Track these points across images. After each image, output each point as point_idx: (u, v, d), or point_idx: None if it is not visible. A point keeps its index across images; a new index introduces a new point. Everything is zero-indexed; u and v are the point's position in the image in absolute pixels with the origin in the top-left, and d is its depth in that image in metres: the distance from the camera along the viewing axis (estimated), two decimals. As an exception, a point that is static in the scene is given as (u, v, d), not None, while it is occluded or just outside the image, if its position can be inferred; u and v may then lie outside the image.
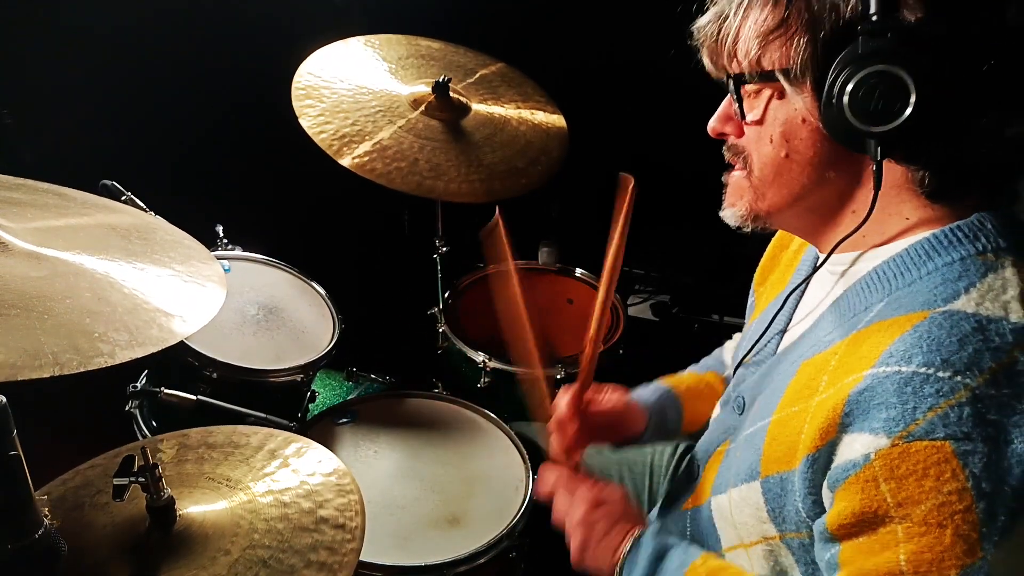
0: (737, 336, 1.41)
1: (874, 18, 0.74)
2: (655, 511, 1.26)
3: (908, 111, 0.75)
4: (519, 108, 1.85)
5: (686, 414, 1.31)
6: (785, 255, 1.17)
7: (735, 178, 0.95)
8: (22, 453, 0.77)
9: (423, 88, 1.74)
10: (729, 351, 1.40)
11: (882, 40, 0.74)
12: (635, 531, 1.03)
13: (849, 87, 0.76)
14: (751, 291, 1.25)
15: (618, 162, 1.15)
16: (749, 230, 0.96)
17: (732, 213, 0.95)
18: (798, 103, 0.83)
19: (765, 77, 0.84)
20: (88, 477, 1.05)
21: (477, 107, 1.79)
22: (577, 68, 2.39)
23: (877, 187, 0.81)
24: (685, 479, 1.15)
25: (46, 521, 0.81)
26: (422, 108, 1.71)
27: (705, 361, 1.42)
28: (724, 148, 0.96)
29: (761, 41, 0.82)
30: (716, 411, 1.22)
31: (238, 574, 0.90)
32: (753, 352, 1.07)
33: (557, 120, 1.87)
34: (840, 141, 0.81)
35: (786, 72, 0.82)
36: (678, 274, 2.87)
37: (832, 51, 0.78)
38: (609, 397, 1.27)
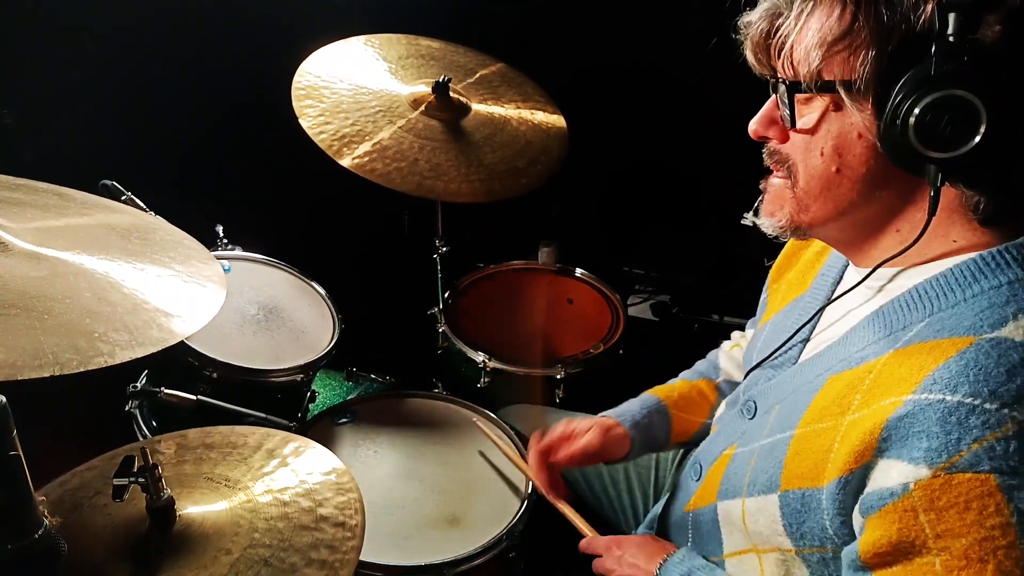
0: (736, 335, 1.40)
1: (951, 38, 0.70)
2: (656, 510, 1.26)
3: (977, 139, 0.72)
4: (519, 108, 1.85)
5: (675, 425, 1.30)
6: (805, 254, 1.13)
7: (776, 186, 0.91)
8: (22, 453, 0.77)
9: (423, 88, 1.74)
10: (725, 353, 1.39)
11: (958, 62, 0.71)
12: (663, 556, 1.05)
13: (916, 110, 0.72)
14: (764, 287, 1.22)
15: (618, 162, 1.15)
16: (785, 239, 0.92)
17: (771, 223, 0.91)
18: (856, 117, 0.79)
19: (824, 87, 0.80)
20: (86, 479, 1.05)
21: (477, 107, 1.79)
22: (577, 68, 2.39)
23: (932, 213, 0.78)
24: (687, 481, 1.14)
25: (46, 521, 0.81)
26: (422, 108, 1.71)
27: (698, 366, 1.40)
28: (764, 151, 0.92)
29: (825, 50, 0.78)
30: (721, 410, 1.21)
31: (240, 573, 0.90)
32: (772, 357, 1.04)
33: (557, 120, 1.87)
34: (898, 162, 0.78)
35: (848, 85, 0.78)
36: (678, 274, 2.87)
37: (900, 67, 0.74)
38: (582, 436, 1.26)
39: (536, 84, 1.94)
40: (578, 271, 2.11)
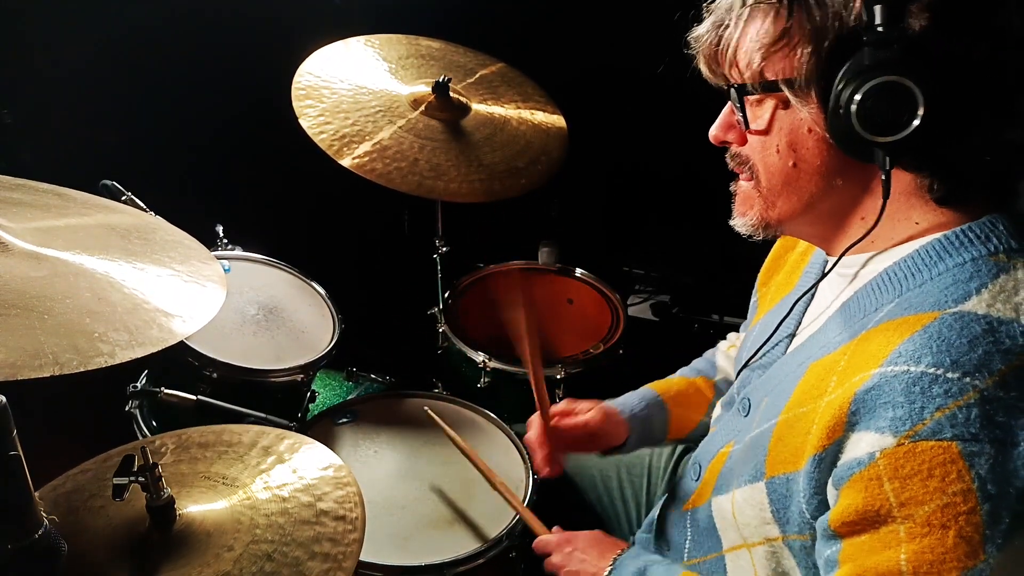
0: (732, 336, 1.41)
1: (880, 28, 0.73)
2: (655, 512, 1.26)
3: (916, 122, 0.75)
4: (519, 108, 1.85)
5: (672, 421, 1.32)
6: (791, 256, 1.16)
7: (743, 188, 0.94)
8: (22, 453, 0.77)
9: (423, 88, 1.74)
10: (722, 352, 1.40)
11: (889, 50, 0.74)
12: (615, 552, 1.06)
13: (857, 98, 0.75)
14: (754, 291, 1.25)
15: (618, 162, 1.15)
16: (760, 237, 0.95)
17: (743, 222, 0.95)
18: (803, 113, 0.82)
19: (768, 87, 0.84)
20: (79, 481, 1.05)
21: (477, 107, 1.79)
22: (577, 68, 2.39)
23: (886, 196, 0.81)
24: (687, 480, 1.15)
25: (46, 521, 0.81)
26: (422, 108, 1.71)
27: (696, 364, 1.42)
28: (727, 156, 0.96)
29: (764, 52, 0.82)
30: (717, 412, 1.22)
31: (244, 569, 0.90)
32: (760, 355, 1.06)
33: (557, 120, 1.87)
34: (847, 151, 0.81)
35: (790, 82, 0.81)
36: (678, 274, 2.87)
37: (837, 61, 0.77)
38: (584, 414, 1.29)
39: (536, 84, 1.94)
40: (578, 271, 2.11)
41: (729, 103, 0.91)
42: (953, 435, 0.69)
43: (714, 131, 0.95)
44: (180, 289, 0.95)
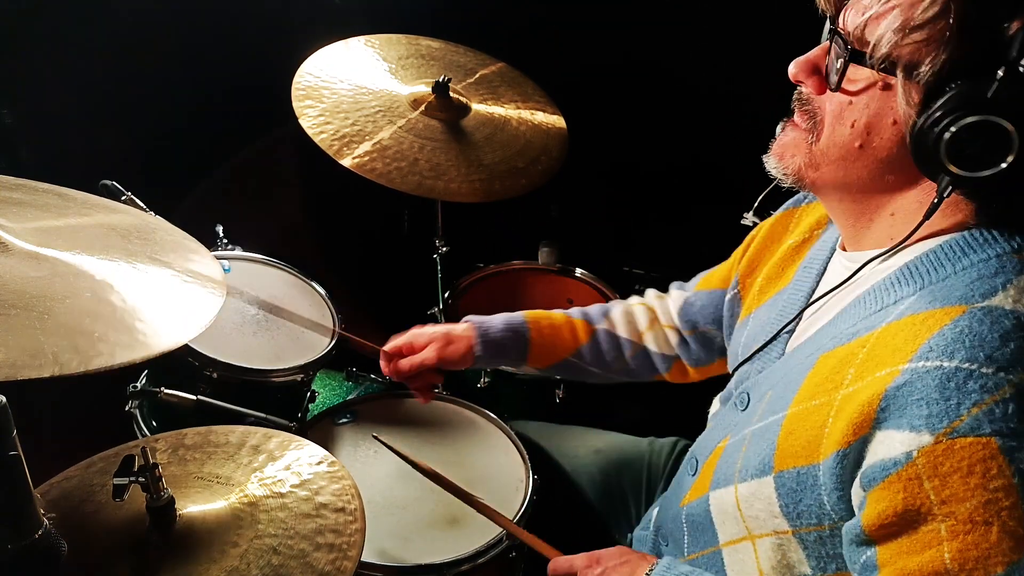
0: (651, 294, 1.47)
1: (1020, 65, 0.70)
2: (653, 509, 1.26)
3: (1000, 167, 0.73)
4: (519, 108, 1.85)
5: (532, 349, 1.37)
6: (779, 248, 1.14)
7: (792, 135, 0.90)
8: (22, 453, 0.77)
9: (423, 88, 1.74)
10: (623, 304, 1.44)
11: (1009, 90, 0.71)
12: (646, 567, 1.02)
13: (957, 125, 0.73)
14: (733, 281, 1.23)
15: (618, 162, 1.15)
16: (785, 185, 0.92)
17: (778, 166, 0.91)
18: (901, 104, 0.79)
19: (887, 67, 0.78)
20: (71, 484, 1.05)
21: (477, 107, 1.79)
22: (577, 68, 2.39)
23: (927, 217, 0.80)
24: (684, 476, 1.15)
25: (46, 521, 0.81)
26: (422, 108, 1.71)
27: (589, 309, 1.45)
28: (796, 94, 0.91)
29: (903, 34, 0.76)
30: (715, 407, 1.22)
31: (251, 563, 0.91)
32: (762, 350, 1.05)
33: (557, 120, 1.87)
34: (918, 162, 0.78)
35: (910, 71, 0.77)
36: (678, 274, 2.87)
37: (964, 72, 0.74)
38: (417, 356, 1.36)
39: (536, 84, 1.94)
40: (578, 271, 2.11)
41: (825, 44, 0.86)
42: (992, 431, 0.69)
43: (795, 69, 0.89)
44: (181, 290, 0.95)
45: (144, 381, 1.51)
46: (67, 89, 2.03)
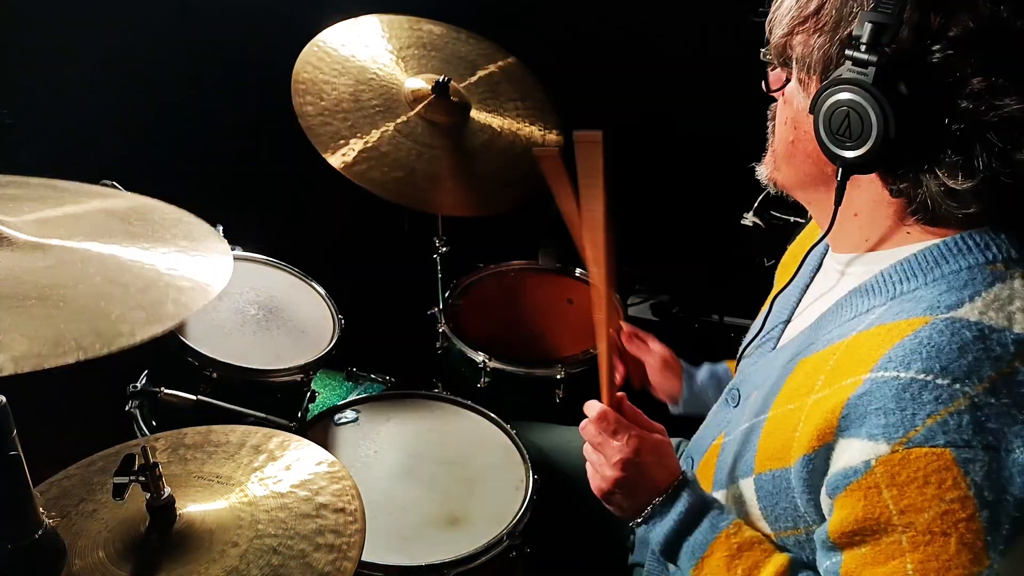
0: None
1: (863, 45, 0.72)
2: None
3: (867, 146, 0.75)
4: (518, 111, 1.85)
5: None
6: (796, 250, 1.17)
7: (770, 140, 0.97)
8: (22, 453, 0.77)
9: (423, 86, 1.74)
10: None
11: (866, 69, 0.73)
12: (674, 479, 0.95)
13: (825, 105, 0.77)
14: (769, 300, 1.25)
15: (618, 162, 1.15)
16: (773, 192, 0.98)
17: (761, 171, 0.97)
18: (799, 95, 0.84)
19: (783, 61, 0.85)
20: (64, 488, 1.05)
21: (475, 114, 1.79)
22: (578, 68, 2.38)
23: (837, 203, 0.83)
24: None
25: (46, 521, 0.81)
26: (421, 108, 1.71)
27: None
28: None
29: (791, 26, 0.82)
30: (715, 405, 1.22)
31: (251, 563, 0.91)
32: (754, 345, 1.07)
33: (552, 137, 1.87)
34: (821, 149, 0.81)
35: (802, 63, 0.82)
36: (678, 274, 2.87)
37: (842, 57, 0.76)
38: (651, 354, 1.38)
39: (537, 79, 1.93)
40: (578, 271, 2.11)
41: None
42: (946, 442, 0.69)
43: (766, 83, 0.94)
44: (187, 263, 0.94)
45: (144, 381, 1.51)
46: (67, 89, 2.03)
